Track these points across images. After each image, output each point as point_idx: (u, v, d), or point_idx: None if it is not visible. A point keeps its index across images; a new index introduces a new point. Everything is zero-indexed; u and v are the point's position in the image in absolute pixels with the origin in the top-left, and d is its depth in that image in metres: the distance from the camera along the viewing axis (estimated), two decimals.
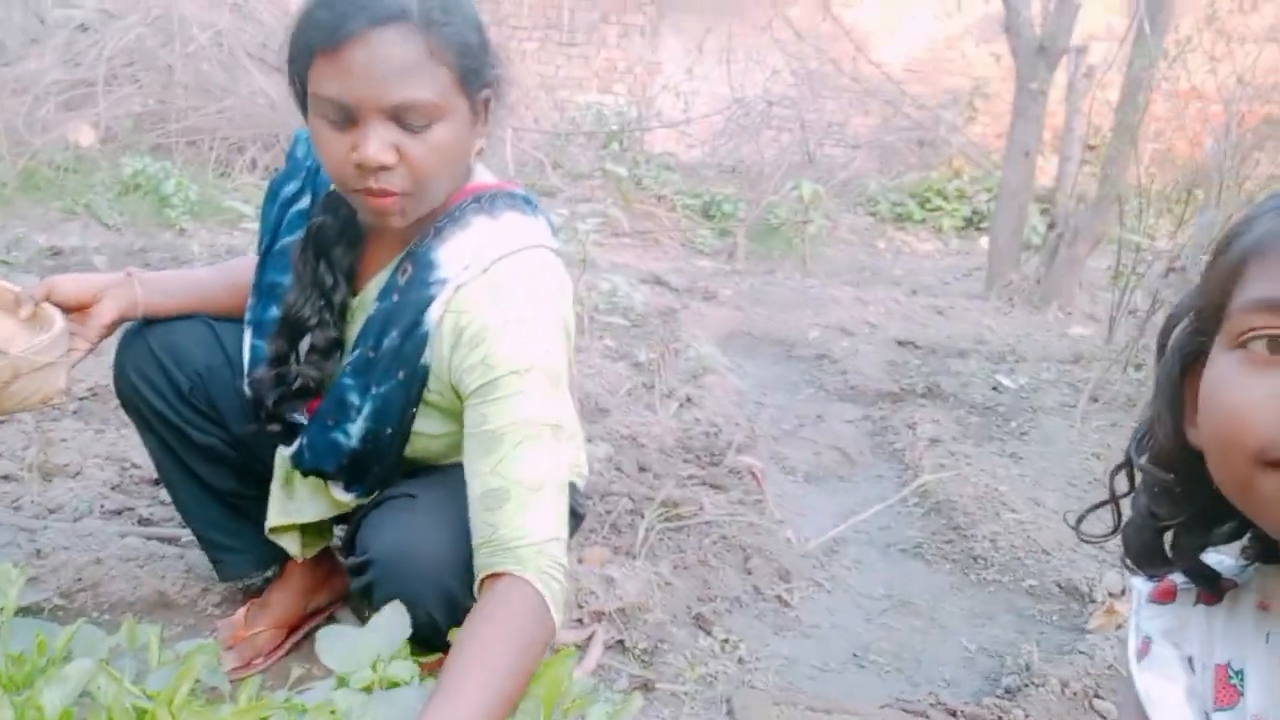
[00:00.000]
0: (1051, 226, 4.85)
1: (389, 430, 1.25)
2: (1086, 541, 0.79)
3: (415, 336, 1.19)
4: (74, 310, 1.30)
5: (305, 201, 1.32)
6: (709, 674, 1.60)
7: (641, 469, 2.40)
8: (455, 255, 1.18)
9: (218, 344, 1.40)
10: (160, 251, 4.16)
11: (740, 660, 1.67)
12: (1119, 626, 1.81)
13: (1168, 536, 0.72)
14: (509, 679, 1.03)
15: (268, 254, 1.33)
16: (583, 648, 1.61)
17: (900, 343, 3.86)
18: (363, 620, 1.33)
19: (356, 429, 1.25)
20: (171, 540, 1.79)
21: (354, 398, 1.24)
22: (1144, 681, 0.73)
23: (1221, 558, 0.75)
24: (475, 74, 1.14)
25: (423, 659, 1.15)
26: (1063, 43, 4.64)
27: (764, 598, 1.91)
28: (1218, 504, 0.67)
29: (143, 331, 1.39)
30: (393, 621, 1.13)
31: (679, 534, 2.06)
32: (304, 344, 1.28)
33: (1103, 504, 0.76)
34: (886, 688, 1.66)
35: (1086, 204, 4.65)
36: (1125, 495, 0.74)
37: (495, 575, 1.10)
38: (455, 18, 1.11)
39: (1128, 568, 0.75)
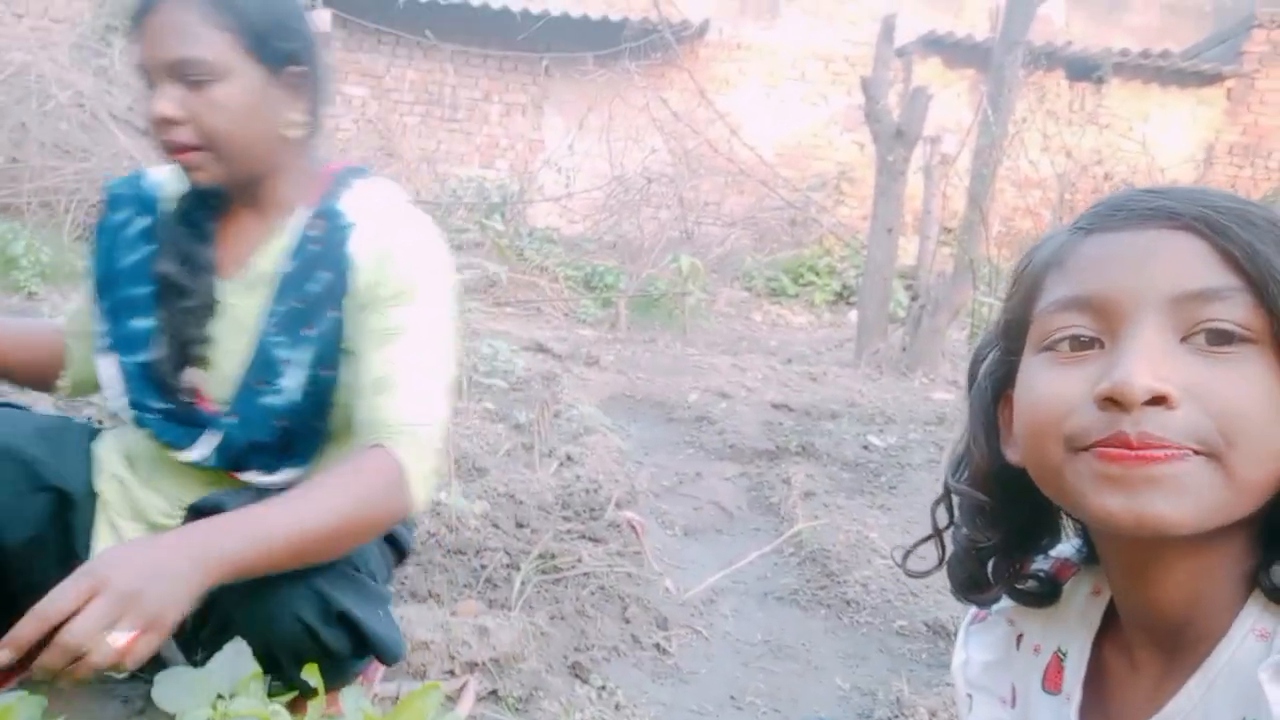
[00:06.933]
0: (914, 299, 5.13)
1: (327, 372, 1.25)
2: (913, 576, 0.81)
3: (340, 269, 1.23)
4: None
5: (144, 221, 1.30)
6: None
7: (519, 525, 2.35)
8: (355, 204, 1.27)
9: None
10: (5, 315, 3.89)
11: (617, 707, 1.64)
12: None
13: (990, 564, 0.75)
14: (325, 513, 1.08)
15: (110, 276, 1.29)
16: (454, 698, 1.54)
17: (775, 405, 3.96)
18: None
19: (293, 381, 1.24)
20: None
21: (283, 353, 1.23)
22: None
23: (1065, 544, 0.79)
24: (264, 42, 1.18)
25: (282, 698, 1.07)
26: (917, 128, 5.00)
27: (642, 646, 1.88)
28: (1032, 520, 0.73)
29: None
30: (235, 659, 1.05)
31: (556, 585, 2.02)
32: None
33: (926, 539, 0.79)
34: None
35: (945, 278, 4.96)
36: (947, 528, 0.78)
37: (365, 447, 1.17)
38: None
39: (957, 599, 0.78)
